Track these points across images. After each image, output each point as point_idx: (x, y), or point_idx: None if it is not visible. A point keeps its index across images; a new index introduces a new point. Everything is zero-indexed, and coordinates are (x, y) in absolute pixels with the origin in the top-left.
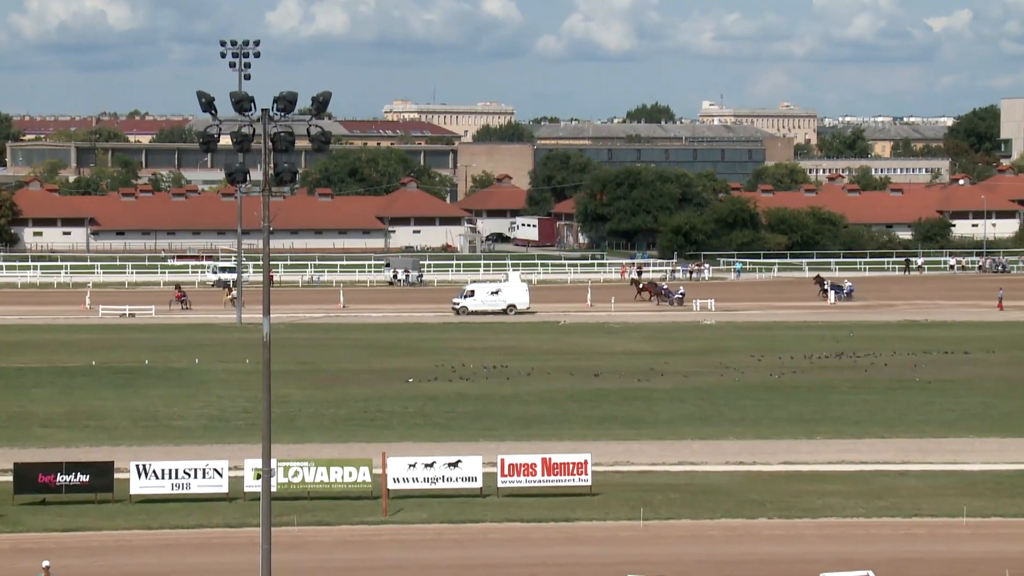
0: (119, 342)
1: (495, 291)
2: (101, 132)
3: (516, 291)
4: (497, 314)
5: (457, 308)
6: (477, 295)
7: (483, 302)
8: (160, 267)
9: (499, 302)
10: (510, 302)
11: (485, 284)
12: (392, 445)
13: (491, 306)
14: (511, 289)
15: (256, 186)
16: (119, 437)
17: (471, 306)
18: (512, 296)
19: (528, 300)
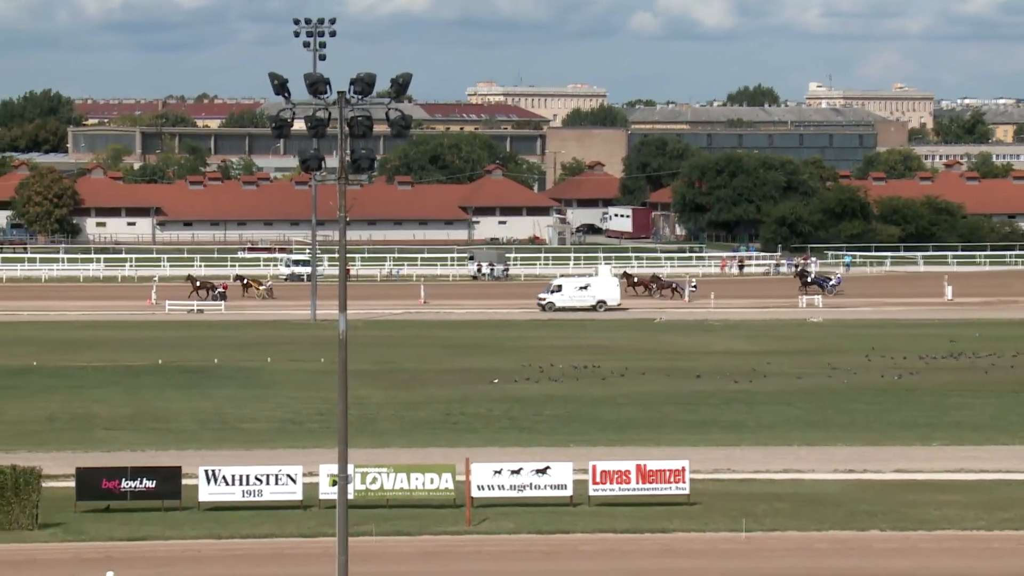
0: (186, 340)
1: (584, 286)
2: (167, 116)
3: (606, 286)
4: (586, 311)
5: (543, 304)
6: (564, 290)
7: (571, 298)
8: (230, 260)
9: (588, 298)
10: (599, 298)
11: (573, 279)
12: (476, 450)
13: (579, 302)
14: (601, 284)
15: (332, 174)
16: (186, 441)
17: (558, 302)
18: (602, 291)
19: (619, 296)
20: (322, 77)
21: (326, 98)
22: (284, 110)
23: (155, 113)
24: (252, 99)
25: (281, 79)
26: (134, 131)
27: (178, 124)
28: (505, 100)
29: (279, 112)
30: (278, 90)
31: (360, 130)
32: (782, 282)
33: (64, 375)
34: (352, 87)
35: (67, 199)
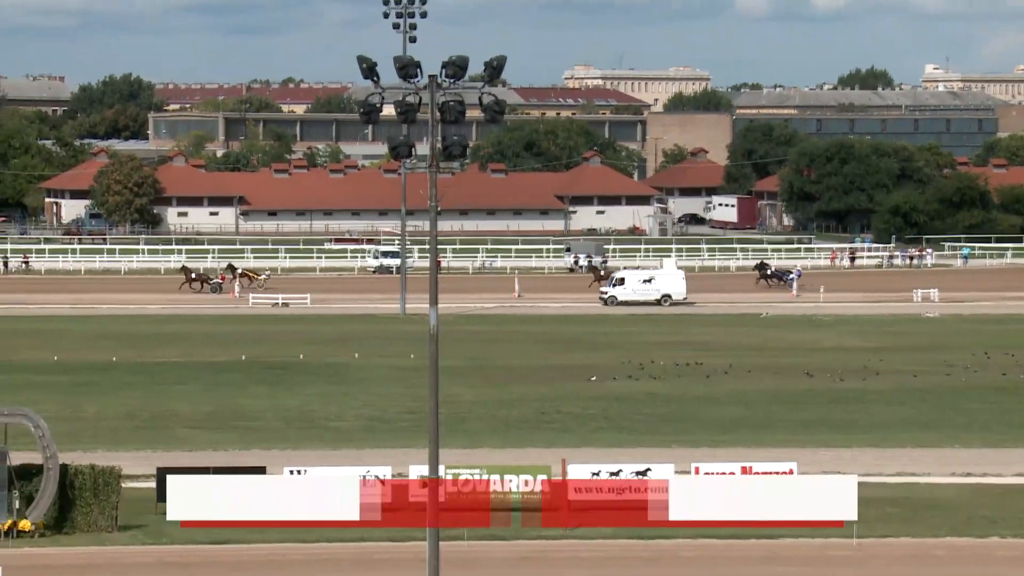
0: (271, 334)
1: (648, 279)
2: (251, 101)
3: (671, 279)
4: (649, 305)
5: (605, 298)
6: (627, 283)
7: (634, 291)
8: (316, 251)
9: (652, 291)
10: (664, 291)
11: (636, 272)
12: (573, 451)
13: (643, 295)
14: (666, 277)
15: (422, 161)
16: (271, 439)
17: (620, 295)
18: (667, 285)
19: (685, 289)
20: (413, 60)
21: (417, 82)
22: (373, 95)
23: (239, 98)
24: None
25: (370, 62)
26: (217, 117)
27: (262, 109)
28: (604, 84)
29: (368, 97)
30: (367, 74)
31: (452, 115)
32: (895, 275)
33: (144, 371)
34: (444, 70)
35: (147, 188)
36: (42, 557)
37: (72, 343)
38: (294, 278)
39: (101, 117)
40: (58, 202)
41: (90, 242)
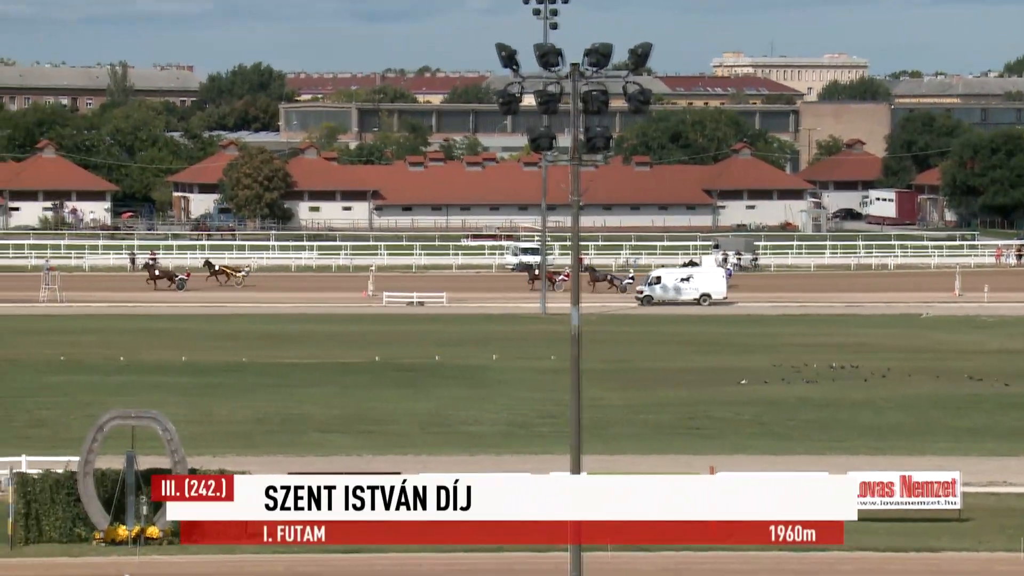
0: (405, 335)
1: (685, 278)
2: (386, 92)
3: (710, 278)
4: (687, 305)
5: (641, 297)
6: (664, 282)
7: (671, 290)
8: (452, 248)
9: (690, 291)
10: (703, 291)
11: (673, 270)
12: (722, 458)
13: (681, 295)
14: (705, 276)
15: (564, 154)
16: (404, 444)
17: (657, 295)
18: (706, 284)
19: (725, 289)
20: (554, 48)
21: (558, 71)
22: (512, 84)
23: (372, 88)
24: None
25: (509, 50)
26: (350, 108)
27: (397, 100)
28: (754, 72)
29: (507, 86)
30: (506, 62)
31: (595, 106)
32: None
33: (274, 372)
34: (587, 58)
35: (278, 181)
36: (170, 565)
37: (200, 343)
38: (430, 276)
39: (230, 108)
40: (186, 196)
41: (219, 238)
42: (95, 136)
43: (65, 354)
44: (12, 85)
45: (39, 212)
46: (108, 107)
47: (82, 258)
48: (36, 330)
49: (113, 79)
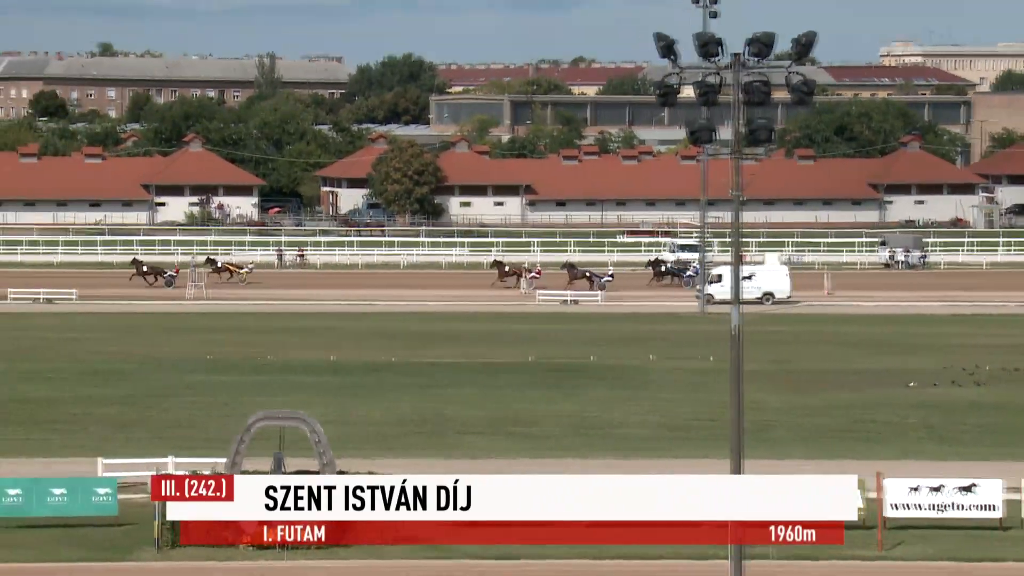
0: (557, 334)
1: (747, 276)
2: (539, 83)
3: (774, 276)
4: (750, 304)
5: (702, 296)
6: (725, 281)
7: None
8: (607, 245)
9: (752, 289)
10: (766, 289)
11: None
12: (888, 463)
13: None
14: (767, 274)
15: (724, 147)
16: (548, 447)
17: (717, 294)
18: (769, 282)
19: (789, 287)
20: (714, 37)
21: (718, 61)
22: (670, 75)
23: (525, 79)
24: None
25: (667, 40)
26: (502, 100)
27: (551, 91)
28: (924, 62)
29: (665, 77)
30: (664, 52)
31: (757, 97)
32: None
33: (421, 372)
34: (748, 48)
35: (428, 176)
36: (319, 571)
37: (347, 342)
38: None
39: (380, 100)
40: (335, 191)
41: (368, 234)
42: (242, 130)
43: (211, 353)
44: (159, 78)
45: (185, 207)
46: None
47: (229, 255)
48: (182, 328)
49: (261, 71)
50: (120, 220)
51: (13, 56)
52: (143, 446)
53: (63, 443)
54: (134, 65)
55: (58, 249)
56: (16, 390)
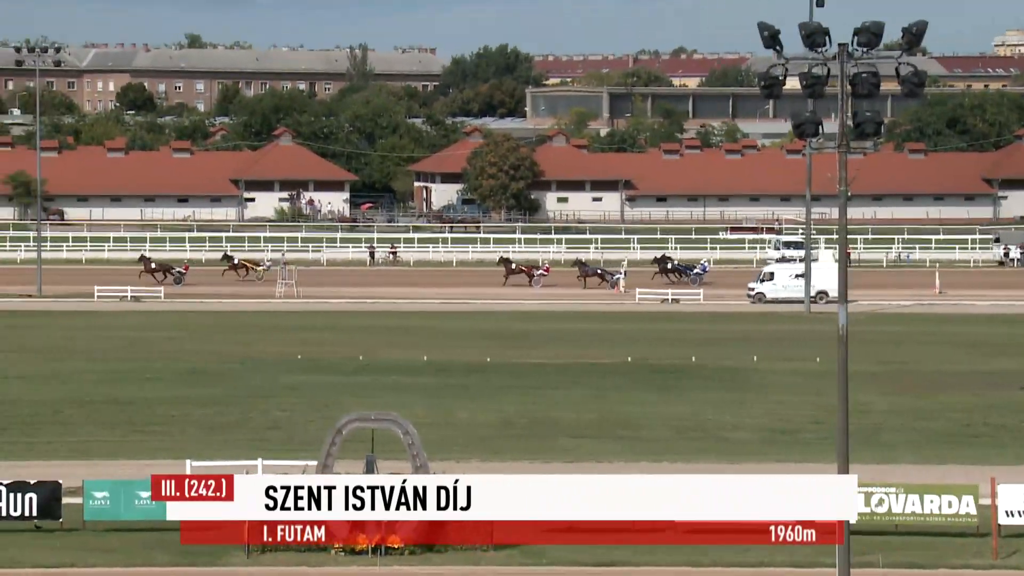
0: (660, 334)
1: (800, 274)
2: (639, 75)
3: (828, 274)
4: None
5: (752, 295)
6: (777, 279)
7: (784, 287)
8: (709, 242)
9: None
10: (819, 288)
11: (787, 265)
12: (1004, 469)
13: (794, 292)
14: (822, 271)
15: (830, 140)
16: (659, 451)
17: (769, 292)
18: (822, 280)
19: None
20: (820, 27)
21: (825, 51)
22: (775, 66)
23: (625, 71)
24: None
25: (772, 30)
26: (601, 92)
27: (651, 83)
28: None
29: (769, 68)
30: (768, 43)
31: (865, 89)
32: None
33: (519, 373)
34: (856, 38)
35: (524, 171)
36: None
37: (442, 341)
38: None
39: (475, 93)
40: (428, 186)
41: (462, 230)
42: (333, 123)
43: (302, 353)
44: (248, 70)
45: (275, 203)
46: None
47: (319, 252)
48: (273, 327)
49: (352, 63)
50: (208, 216)
51: (100, 48)
52: (237, 448)
53: (157, 445)
54: (223, 57)
55: (145, 246)
56: (110, 391)
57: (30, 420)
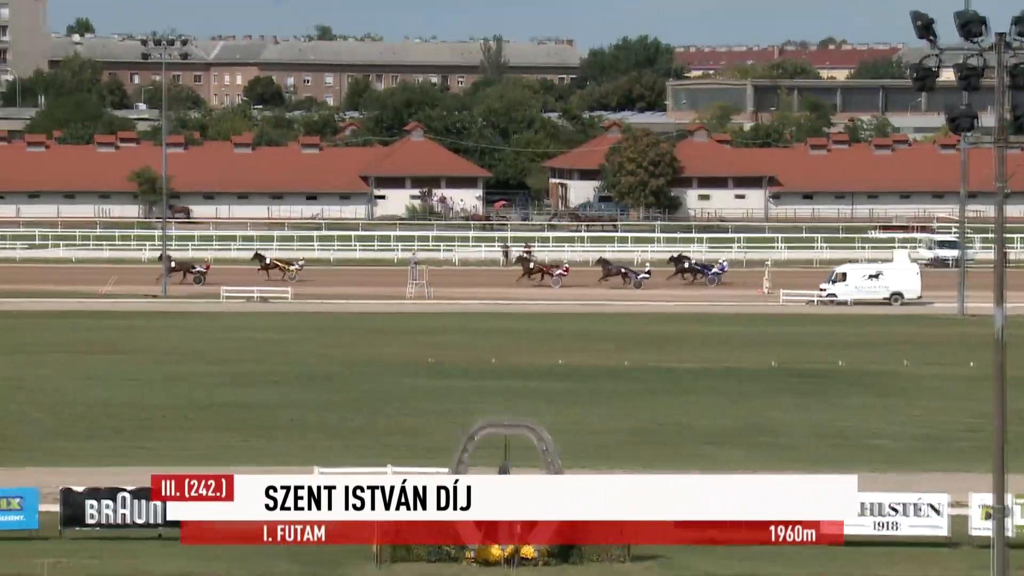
0: (804, 337)
1: (874, 274)
2: (785, 66)
3: (903, 275)
4: (877, 305)
5: (824, 296)
6: (850, 280)
7: (857, 289)
8: (858, 241)
9: (879, 289)
10: (895, 289)
11: (860, 266)
12: None
13: (868, 294)
14: (896, 272)
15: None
16: (800, 458)
17: (841, 294)
18: (898, 282)
19: (919, 287)
20: (977, 15)
21: (981, 41)
22: (928, 57)
23: (770, 63)
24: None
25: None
26: (745, 85)
27: (797, 75)
28: None
29: (922, 60)
30: (921, 32)
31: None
32: None
33: (655, 378)
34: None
35: (664, 167)
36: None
37: (577, 344)
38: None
39: (613, 86)
40: (564, 183)
41: (599, 229)
42: (466, 117)
43: (432, 356)
44: (379, 63)
45: (406, 200)
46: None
47: (451, 251)
48: (402, 329)
49: (486, 55)
50: (337, 214)
51: (227, 41)
52: (362, 454)
53: (280, 450)
54: (353, 49)
55: (272, 245)
56: (232, 394)
57: (149, 424)
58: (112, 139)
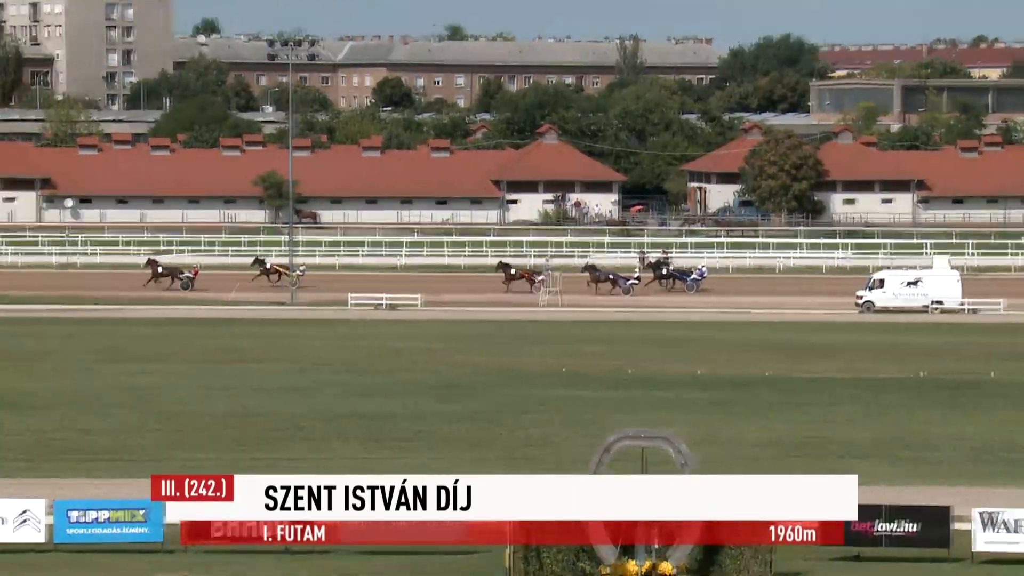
0: (951, 346)
1: (913, 281)
2: (934, 66)
3: (943, 282)
4: (915, 312)
5: (860, 304)
6: (887, 287)
7: (895, 296)
8: (1011, 247)
9: (918, 296)
10: (934, 297)
11: (898, 272)
12: None
13: (906, 301)
14: (936, 279)
15: None
16: (951, 474)
17: (879, 301)
18: (937, 289)
19: (960, 293)
20: None
21: None
22: None
23: (918, 62)
24: None
25: None
26: (892, 85)
27: (947, 75)
28: None
29: None
30: None
31: None
32: None
33: (795, 388)
34: None
35: (808, 170)
36: None
37: (717, 354)
38: (982, 279)
39: (754, 86)
40: (703, 187)
41: (740, 235)
42: (602, 119)
43: (566, 365)
44: (511, 63)
45: (539, 205)
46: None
47: (586, 257)
48: (535, 337)
49: (622, 55)
50: (468, 219)
51: (356, 41)
52: (492, 466)
53: (405, 463)
54: (484, 49)
55: (402, 251)
56: (355, 404)
57: (271, 435)
58: (238, 142)
